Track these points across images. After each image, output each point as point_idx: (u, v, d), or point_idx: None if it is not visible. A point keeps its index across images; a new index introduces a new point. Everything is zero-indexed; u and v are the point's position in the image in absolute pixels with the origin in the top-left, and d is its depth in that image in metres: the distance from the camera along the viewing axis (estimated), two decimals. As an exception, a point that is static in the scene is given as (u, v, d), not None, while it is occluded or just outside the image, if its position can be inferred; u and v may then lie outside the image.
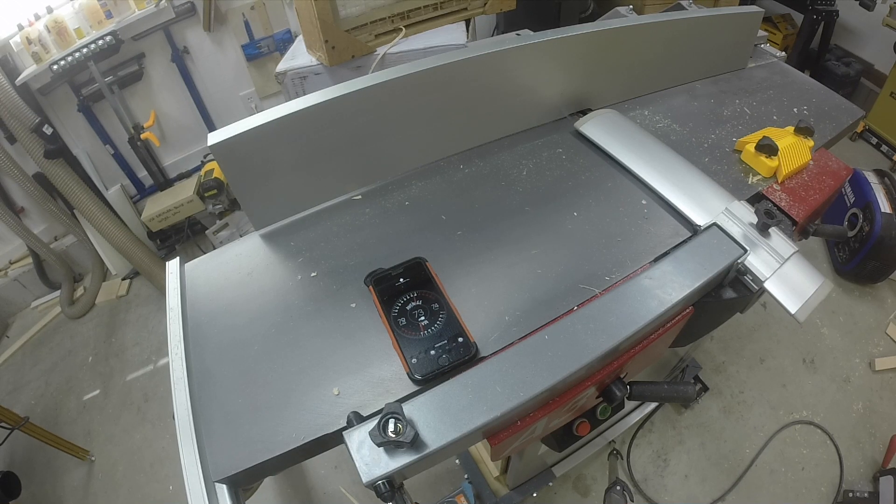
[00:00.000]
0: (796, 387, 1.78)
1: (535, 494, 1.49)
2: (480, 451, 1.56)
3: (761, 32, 1.28)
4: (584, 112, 1.08)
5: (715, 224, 0.78)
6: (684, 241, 0.79)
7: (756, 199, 0.90)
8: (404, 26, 1.66)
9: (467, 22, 1.85)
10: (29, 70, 2.01)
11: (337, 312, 0.74)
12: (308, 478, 1.70)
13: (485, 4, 1.77)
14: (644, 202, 0.87)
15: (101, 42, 2.04)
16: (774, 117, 1.10)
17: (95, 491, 1.78)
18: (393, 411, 0.55)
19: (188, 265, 0.85)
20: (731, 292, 0.77)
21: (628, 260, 0.78)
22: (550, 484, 1.49)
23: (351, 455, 0.56)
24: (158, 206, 2.35)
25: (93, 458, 1.86)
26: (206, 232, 2.43)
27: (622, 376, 0.76)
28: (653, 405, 1.71)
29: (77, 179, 2.16)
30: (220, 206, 2.32)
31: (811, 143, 0.97)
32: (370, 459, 0.55)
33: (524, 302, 0.73)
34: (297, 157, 0.85)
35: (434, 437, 0.56)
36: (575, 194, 0.89)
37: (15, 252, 2.54)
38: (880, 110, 2.53)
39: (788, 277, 0.73)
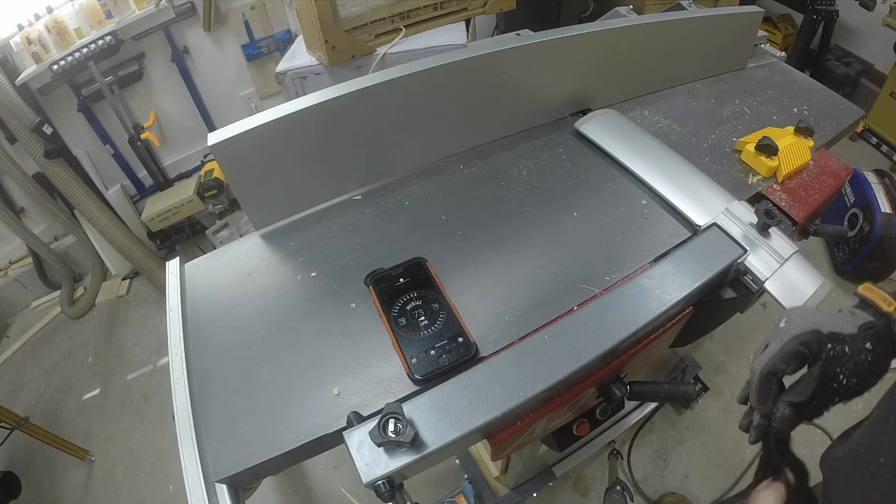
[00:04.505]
0: (796, 387, 1.78)
1: (535, 494, 1.49)
2: (480, 451, 1.56)
3: (761, 32, 1.28)
4: (584, 112, 1.08)
5: (715, 224, 0.78)
6: (684, 241, 0.79)
7: (756, 199, 0.90)
8: (404, 26, 1.66)
9: (467, 22, 1.84)
10: (29, 70, 2.01)
11: (337, 312, 0.74)
12: (308, 478, 1.70)
13: (485, 4, 1.77)
14: (644, 202, 0.87)
15: (101, 42, 2.04)
16: (774, 117, 1.10)
17: (95, 491, 1.78)
18: (393, 411, 0.55)
19: (188, 265, 0.85)
20: (731, 292, 0.77)
21: (628, 260, 0.77)
22: (550, 484, 1.49)
23: (351, 455, 0.56)
24: (158, 206, 2.35)
25: (93, 458, 1.86)
26: (206, 232, 2.43)
27: (622, 376, 0.75)
28: (653, 405, 1.70)
29: (77, 179, 2.16)
30: (220, 206, 2.32)
31: (811, 143, 0.97)
32: (370, 459, 0.55)
33: (524, 302, 0.73)
34: (297, 157, 0.85)
35: (434, 437, 0.56)
36: (575, 194, 0.89)
37: (15, 252, 2.54)
38: (880, 110, 2.54)
39: (788, 277, 0.73)
